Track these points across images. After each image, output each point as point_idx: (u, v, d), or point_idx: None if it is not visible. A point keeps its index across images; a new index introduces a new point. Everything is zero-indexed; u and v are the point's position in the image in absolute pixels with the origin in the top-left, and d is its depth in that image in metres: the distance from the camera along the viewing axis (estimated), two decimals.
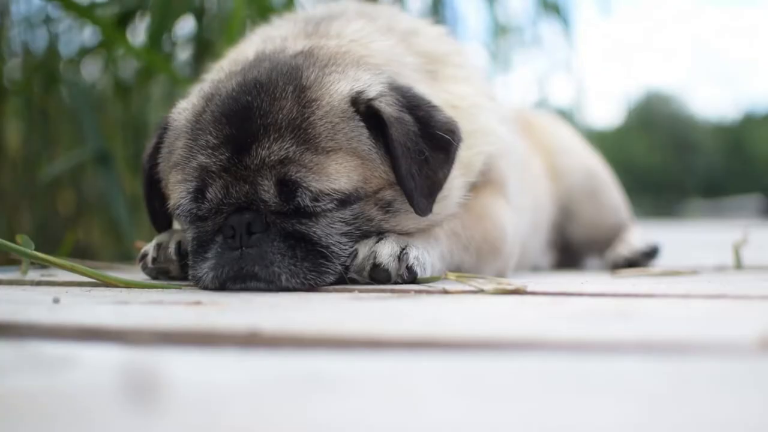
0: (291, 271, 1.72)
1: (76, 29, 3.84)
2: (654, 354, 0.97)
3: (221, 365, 0.97)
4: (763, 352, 0.96)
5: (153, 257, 1.97)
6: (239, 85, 1.83)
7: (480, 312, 1.40)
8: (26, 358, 0.99)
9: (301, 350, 1.03)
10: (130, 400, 0.77)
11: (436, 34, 2.28)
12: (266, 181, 1.73)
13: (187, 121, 1.87)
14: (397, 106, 1.81)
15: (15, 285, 1.91)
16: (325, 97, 1.79)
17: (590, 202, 3.28)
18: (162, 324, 1.16)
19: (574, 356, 0.96)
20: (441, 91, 2.05)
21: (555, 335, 1.07)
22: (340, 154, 1.75)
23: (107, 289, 1.78)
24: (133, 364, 0.94)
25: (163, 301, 1.51)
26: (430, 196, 1.81)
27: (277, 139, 1.73)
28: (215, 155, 1.76)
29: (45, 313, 1.32)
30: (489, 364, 0.94)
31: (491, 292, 1.63)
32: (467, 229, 2.00)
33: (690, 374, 0.87)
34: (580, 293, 1.60)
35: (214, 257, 1.76)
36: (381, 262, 1.75)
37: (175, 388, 0.82)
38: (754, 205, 26.85)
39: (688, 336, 1.05)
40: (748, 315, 1.30)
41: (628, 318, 1.25)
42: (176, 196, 1.82)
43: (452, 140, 1.84)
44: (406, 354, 1.00)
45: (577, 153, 3.37)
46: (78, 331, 1.14)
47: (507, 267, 2.19)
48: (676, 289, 1.67)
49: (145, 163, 2.02)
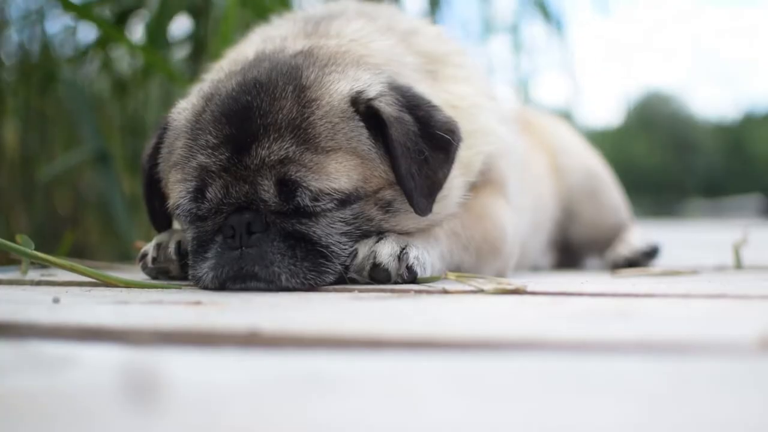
0: (291, 271, 1.72)
1: (73, 29, 3.84)
2: (654, 354, 0.97)
3: (221, 365, 0.97)
4: (763, 352, 0.96)
5: (153, 257, 1.98)
6: (239, 84, 1.83)
7: (480, 312, 1.40)
8: (26, 358, 0.99)
9: (301, 350, 1.03)
10: (130, 400, 0.77)
11: (436, 33, 2.28)
12: (266, 181, 1.73)
13: (186, 121, 1.87)
14: (397, 105, 1.81)
15: (15, 285, 1.91)
16: (324, 96, 1.79)
17: (590, 202, 3.28)
18: (162, 324, 1.16)
19: (574, 356, 0.96)
20: (441, 91, 2.05)
21: (555, 335, 1.07)
22: (340, 153, 1.75)
23: (107, 289, 1.78)
24: (133, 364, 0.94)
25: (163, 301, 1.51)
26: (429, 195, 1.81)
27: (277, 139, 1.73)
28: (215, 155, 1.76)
29: (45, 313, 1.32)
30: (489, 364, 0.94)
31: (491, 292, 1.63)
32: (467, 229, 2.00)
33: (690, 374, 0.87)
34: (580, 293, 1.60)
35: (214, 257, 1.77)
36: (381, 261, 1.75)
37: (175, 388, 0.82)
38: (754, 205, 26.84)
39: (688, 336, 1.05)
40: (748, 315, 1.30)
41: (628, 318, 1.25)
42: (176, 196, 1.82)
43: (452, 140, 1.84)
44: (406, 354, 1.00)
45: (577, 153, 3.37)
46: (78, 331, 1.14)
47: (507, 267, 2.19)
48: (676, 289, 1.67)
49: (144, 163, 2.02)
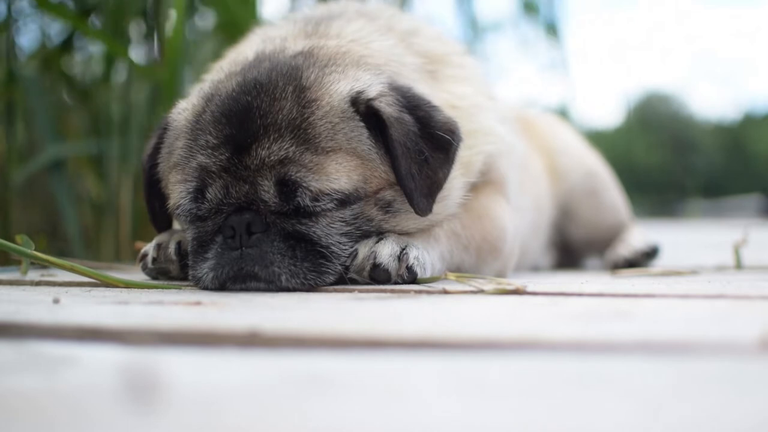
0: (291, 271, 1.72)
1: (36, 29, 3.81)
2: (654, 354, 0.97)
3: (221, 365, 0.97)
4: (763, 352, 0.96)
5: (153, 257, 1.98)
6: (239, 85, 1.83)
7: (480, 312, 1.40)
8: (26, 358, 0.99)
9: (301, 350, 1.03)
10: (130, 400, 0.77)
11: (436, 34, 2.28)
12: (266, 181, 1.73)
13: (186, 122, 1.87)
14: (397, 106, 1.81)
15: (15, 285, 1.91)
16: (324, 97, 1.79)
17: (590, 202, 3.28)
18: (162, 324, 1.16)
19: (574, 356, 0.96)
20: (441, 91, 2.06)
21: (555, 335, 1.07)
22: (340, 154, 1.75)
23: (107, 289, 1.78)
24: (133, 365, 0.94)
25: (163, 301, 1.51)
26: (430, 196, 1.81)
27: (277, 140, 1.73)
28: (215, 155, 1.77)
29: (45, 313, 1.32)
30: (489, 364, 0.94)
31: (491, 292, 1.63)
32: (467, 229, 2.00)
33: (690, 374, 0.87)
34: (580, 293, 1.60)
35: (214, 257, 1.77)
36: (381, 262, 1.75)
37: (175, 389, 0.82)
38: (754, 205, 26.81)
39: (687, 336, 1.05)
40: (748, 315, 1.30)
41: (628, 318, 1.25)
42: (176, 196, 1.83)
43: (452, 140, 1.84)
44: (405, 354, 1.00)
45: (577, 153, 3.37)
46: (78, 331, 1.14)
47: (507, 267, 2.19)
48: (676, 289, 1.67)
49: (145, 164, 2.02)
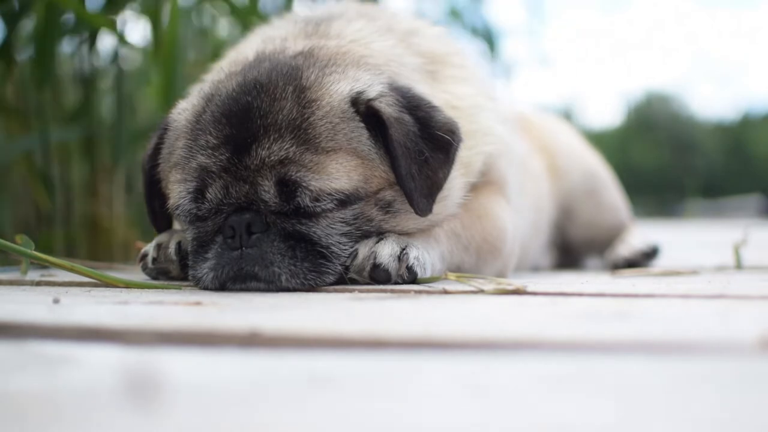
0: (291, 271, 1.72)
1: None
2: (654, 354, 0.97)
3: (221, 365, 0.97)
4: (763, 352, 0.96)
5: (153, 257, 1.98)
6: (239, 85, 1.83)
7: (480, 312, 1.40)
8: (26, 358, 0.99)
9: (301, 350, 1.03)
10: (130, 400, 0.77)
11: (436, 34, 2.28)
12: (266, 181, 1.73)
13: (187, 122, 1.87)
14: (397, 106, 1.81)
15: (15, 285, 1.91)
16: (325, 97, 1.79)
17: (590, 202, 3.28)
18: (162, 324, 1.16)
19: (574, 356, 0.96)
20: (441, 92, 2.05)
21: (555, 335, 1.07)
22: (340, 154, 1.75)
23: (107, 289, 1.78)
24: (133, 364, 0.95)
25: (163, 302, 1.51)
26: (430, 196, 1.81)
27: (277, 140, 1.73)
28: (215, 155, 1.76)
29: (45, 313, 1.32)
30: (489, 364, 0.94)
31: (491, 292, 1.63)
32: (467, 230, 2.00)
33: (690, 374, 0.87)
34: (580, 293, 1.60)
35: (214, 257, 1.77)
36: (381, 262, 1.75)
37: (175, 389, 0.82)
38: (754, 205, 26.79)
39: (687, 336, 1.06)
40: (748, 315, 1.30)
41: (628, 318, 1.25)
42: (176, 196, 1.82)
43: (452, 140, 1.84)
44: (405, 354, 1.00)
45: (577, 153, 3.37)
46: (78, 331, 1.14)
47: (507, 267, 2.19)
48: (676, 290, 1.67)
49: (145, 164, 2.02)
